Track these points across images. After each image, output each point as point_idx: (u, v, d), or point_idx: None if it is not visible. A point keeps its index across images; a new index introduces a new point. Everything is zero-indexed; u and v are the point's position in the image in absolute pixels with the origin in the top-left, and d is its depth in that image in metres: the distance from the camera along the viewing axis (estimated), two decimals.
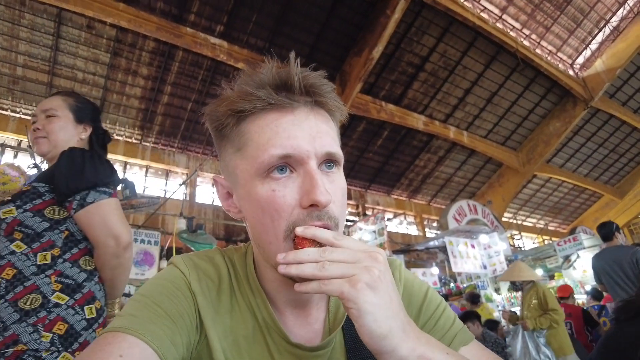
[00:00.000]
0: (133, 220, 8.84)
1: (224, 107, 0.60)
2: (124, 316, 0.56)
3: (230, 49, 9.85)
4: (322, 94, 0.60)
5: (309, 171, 0.56)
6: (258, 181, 0.58)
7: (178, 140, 11.57)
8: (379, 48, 10.19)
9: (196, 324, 0.61)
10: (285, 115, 0.58)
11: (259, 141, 0.58)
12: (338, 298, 0.49)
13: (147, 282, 0.64)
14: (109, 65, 9.48)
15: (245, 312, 0.65)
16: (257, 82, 0.58)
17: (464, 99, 13.30)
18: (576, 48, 14.34)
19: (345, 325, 0.67)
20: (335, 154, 0.59)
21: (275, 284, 0.65)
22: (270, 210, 0.57)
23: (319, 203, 0.54)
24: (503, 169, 16.00)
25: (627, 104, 15.42)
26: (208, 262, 0.68)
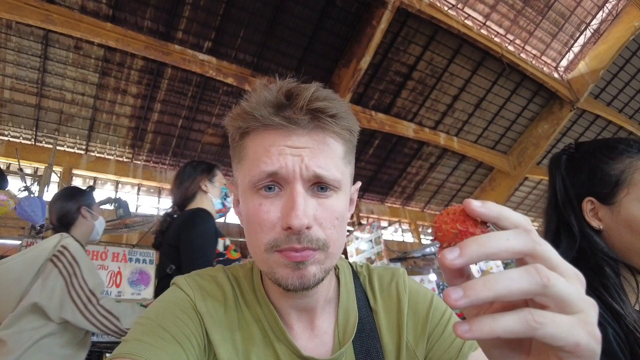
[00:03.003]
0: (127, 239, 8.75)
1: (229, 122, 0.63)
2: (130, 341, 0.55)
3: (219, 64, 9.90)
4: (325, 118, 0.58)
5: (292, 192, 0.56)
6: (249, 194, 0.59)
7: (169, 158, 11.52)
8: (366, 58, 10.30)
9: (204, 346, 0.60)
10: (281, 136, 0.58)
11: (253, 156, 0.59)
12: (566, 351, 0.30)
13: (151, 305, 0.64)
14: (97, 84, 9.47)
15: (253, 328, 0.64)
16: (259, 100, 0.59)
17: (453, 106, 13.44)
18: (559, 51, 14.60)
19: (355, 338, 0.67)
20: (326, 177, 0.57)
21: (279, 296, 0.65)
22: (254, 224, 0.58)
23: (292, 226, 0.54)
24: (494, 172, 16.12)
25: (611, 104, 15.68)
26: (211, 281, 0.68)
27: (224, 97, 10.65)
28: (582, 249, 0.89)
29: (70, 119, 9.90)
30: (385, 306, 0.72)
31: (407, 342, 0.69)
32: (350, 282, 0.73)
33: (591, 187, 0.91)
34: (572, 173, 0.96)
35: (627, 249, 0.86)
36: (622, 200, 0.86)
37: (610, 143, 0.94)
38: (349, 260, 0.81)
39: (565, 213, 0.94)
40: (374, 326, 0.70)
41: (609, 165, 0.90)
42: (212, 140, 11.34)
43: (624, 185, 0.87)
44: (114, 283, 6.00)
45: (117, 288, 5.99)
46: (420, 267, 11.14)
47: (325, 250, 0.58)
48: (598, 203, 0.90)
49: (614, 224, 0.88)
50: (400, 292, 0.73)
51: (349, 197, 0.65)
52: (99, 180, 10.99)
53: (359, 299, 0.72)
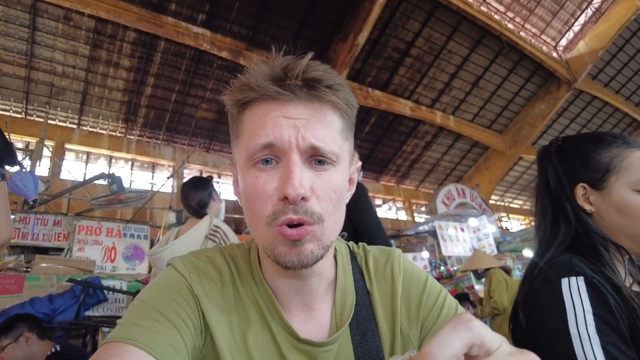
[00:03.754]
0: (121, 215, 8.74)
1: (226, 96, 0.61)
2: (125, 325, 0.54)
3: (213, 37, 9.70)
4: (322, 88, 0.57)
5: (287, 163, 0.56)
6: (247, 168, 0.59)
7: (163, 132, 11.42)
8: (364, 34, 10.12)
9: (200, 328, 0.59)
10: (277, 107, 0.57)
11: (250, 129, 0.58)
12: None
13: (147, 287, 0.63)
14: (89, 57, 9.27)
15: (250, 309, 0.64)
16: (257, 73, 0.58)
17: (450, 84, 13.33)
18: (559, 30, 14.43)
19: (352, 320, 0.66)
20: (323, 149, 0.57)
21: (276, 276, 0.64)
22: (253, 197, 0.57)
23: (288, 196, 0.53)
24: (489, 152, 16.15)
25: (609, 85, 15.62)
26: (208, 262, 0.66)
27: (218, 72, 10.48)
28: (577, 231, 0.97)
29: (61, 92, 9.73)
30: (380, 289, 0.71)
31: (401, 326, 0.68)
32: (348, 264, 0.73)
33: (584, 174, 1.00)
34: (564, 162, 1.05)
35: (615, 230, 0.95)
36: (612, 186, 0.96)
37: (599, 135, 1.03)
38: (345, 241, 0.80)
39: (560, 200, 1.02)
40: (371, 309, 0.69)
41: (599, 154, 0.99)
42: (206, 115, 11.22)
43: (614, 172, 0.96)
44: (108, 258, 6.01)
45: (111, 263, 6.01)
46: (413, 244, 11.26)
47: (321, 224, 0.57)
48: (590, 188, 0.99)
49: (604, 208, 0.96)
50: (395, 274, 0.71)
51: (348, 174, 0.64)
52: (92, 155, 10.89)
53: (356, 280, 0.71)
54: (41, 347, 2.27)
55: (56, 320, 3.00)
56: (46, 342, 2.34)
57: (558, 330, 0.81)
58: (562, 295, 0.84)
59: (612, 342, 0.77)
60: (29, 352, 2.23)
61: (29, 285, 3.24)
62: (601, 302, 0.81)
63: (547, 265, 0.92)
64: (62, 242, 5.87)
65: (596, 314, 0.79)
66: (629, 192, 0.94)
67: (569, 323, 0.80)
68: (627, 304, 0.82)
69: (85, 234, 5.98)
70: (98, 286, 3.31)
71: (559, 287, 0.86)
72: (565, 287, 0.85)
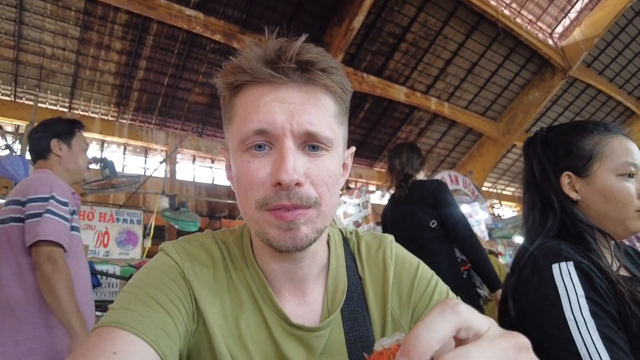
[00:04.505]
0: (114, 199, 8.69)
1: (219, 79, 0.61)
2: (117, 309, 0.54)
3: (206, 20, 9.53)
4: (316, 71, 0.57)
5: (281, 148, 0.55)
6: (239, 154, 0.58)
7: (156, 117, 11.29)
8: (359, 18, 10.00)
9: (192, 313, 0.60)
10: (270, 91, 0.57)
11: (242, 115, 0.58)
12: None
13: (138, 272, 0.62)
14: (79, 39, 9.08)
15: (243, 294, 0.64)
16: (250, 55, 0.57)
17: (445, 70, 13.27)
18: (555, 17, 14.36)
19: (344, 307, 0.67)
20: (318, 134, 0.56)
21: (270, 261, 0.64)
22: (244, 182, 0.57)
23: (281, 182, 0.53)
24: (483, 139, 16.19)
25: (603, 73, 15.63)
26: (199, 247, 0.66)
27: (212, 55, 10.34)
28: (563, 221, 0.99)
29: (51, 75, 9.56)
30: (371, 275, 0.72)
31: (392, 312, 0.69)
32: (341, 249, 0.73)
33: (568, 163, 1.03)
34: (548, 152, 1.07)
35: (601, 216, 0.98)
36: (596, 172, 0.98)
37: (581, 124, 1.06)
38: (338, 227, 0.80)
39: (545, 190, 1.04)
40: (362, 294, 0.70)
41: (582, 142, 1.02)
42: (199, 99, 11.10)
43: (597, 158, 0.98)
44: (101, 243, 6.00)
45: (104, 248, 6.01)
46: None
47: (317, 208, 0.57)
48: (575, 176, 1.01)
49: (589, 194, 0.99)
50: (387, 260, 0.72)
51: (342, 160, 0.64)
52: None
53: (348, 266, 0.72)
54: None
55: None
56: None
57: (553, 315, 0.82)
58: (554, 280, 0.85)
59: (606, 325, 0.78)
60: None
61: None
62: (591, 286, 0.83)
63: (536, 251, 0.94)
64: None
65: (588, 297, 0.81)
66: (612, 177, 0.96)
67: (563, 308, 0.81)
68: (614, 287, 0.84)
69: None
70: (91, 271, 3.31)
71: (550, 272, 0.87)
72: (556, 272, 0.86)
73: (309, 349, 0.63)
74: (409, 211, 2.31)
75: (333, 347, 0.65)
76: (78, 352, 0.48)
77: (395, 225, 2.37)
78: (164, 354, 0.51)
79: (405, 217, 2.33)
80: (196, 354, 0.60)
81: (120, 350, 0.48)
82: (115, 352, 0.48)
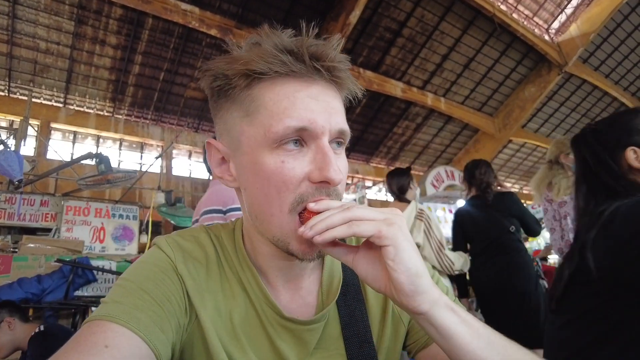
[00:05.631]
0: (109, 195, 8.66)
1: (239, 65, 0.56)
2: (109, 303, 0.54)
3: (202, 15, 9.48)
4: (339, 72, 0.58)
5: (322, 147, 0.55)
6: (267, 151, 0.56)
7: (151, 112, 11.25)
8: (355, 12, 9.98)
9: (185, 307, 0.59)
10: (304, 87, 0.56)
11: (274, 110, 0.55)
12: (373, 238, 0.49)
13: (131, 266, 0.62)
14: (74, 34, 9.01)
15: (236, 288, 0.64)
16: (278, 45, 0.55)
17: (442, 65, 13.26)
18: (552, 12, 14.36)
19: (340, 300, 0.67)
20: (347, 132, 0.59)
21: (268, 257, 0.64)
22: (277, 182, 0.55)
23: (331, 181, 0.54)
24: (479, 134, 16.21)
25: (599, 69, 15.67)
26: (193, 241, 0.66)
27: (207, 50, 10.29)
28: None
29: (45, 70, 9.48)
30: None
31: (393, 308, 0.69)
32: None
33: (629, 140, 1.11)
34: (603, 140, 1.16)
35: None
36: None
37: (629, 109, 1.20)
38: None
39: (602, 176, 1.13)
40: (359, 288, 0.70)
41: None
42: (195, 94, 11.05)
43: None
44: (97, 239, 5.97)
45: (100, 244, 5.98)
46: None
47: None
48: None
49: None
50: None
51: None
52: (79, 135, 10.71)
53: None
54: (25, 329, 2.28)
55: (45, 300, 3.00)
56: (30, 324, 2.35)
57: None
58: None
59: None
60: (13, 336, 2.24)
61: (17, 266, 3.23)
62: None
63: (620, 209, 1.01)
64: (49, 223, 5.80)
65: None
66: None
67: None
68: None
69: (73, 214, 5.91)
70: (87, 266, 3.30)
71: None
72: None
73: (302, 343, 0.63)
74: (493, 216, 2.74)
75: (329, 342, 0.65)
76: (69, 346, 0.48)
77: (478, 226, 2.78)
78: (156, 348, 0.51)
79: (490, 220, 2.75)
80: (189, 348, 0.60)
81: (111, 344, 0.47)
82: (107, 345, 0.47)
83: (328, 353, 0.64)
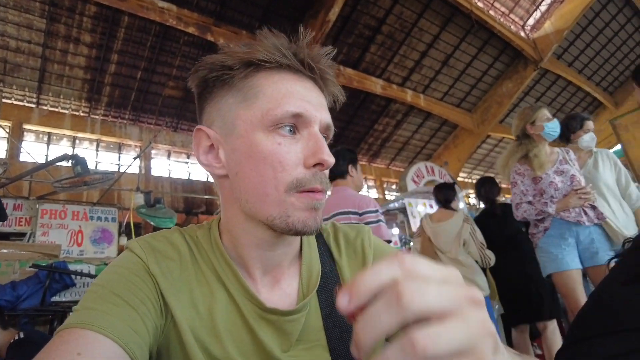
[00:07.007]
0: (87, 197, 8.46)
1: (242, 54, 0.60)
2: (80, 310, 0.53)
3: (179, 12, 9.33)
4: (328, 75, 0.65)
5: (314, 133, 0.60)
6: (262, 133, 0.59)
7: (129, 112, 11.04)
8: (335, 10, 9.98)
9: (160, 308, 0.59)
10: (299, 81, 0.62)
11: (273, 95, 0.59)
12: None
13: (103, 271, 0.61)
14: (46, 32, 8.76)
15: (214, 284, 0.63)
16: (278, 42, 0.61)
17: (421, 62, 13.39)
18: (527, 9, 14.64)
19: (320, 290, 0.67)
20: (332, 128, 0.66)
21: (250, 247, 0.64)
22: (274, 162, 0.58)
23: (325, 162, 0.58)
24: (458, 130, 16.45)
25: (572, 65, 16.07)
26: (165, 242, 0.65)
27: (185, 48, 10.15)
28: None
29: (16, 69, 9.19)
30: (350, 260, 0.73)
31: None
32: (313, 238, 0.74)
33: None
34: None
35: None
36: None
37: None
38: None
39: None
40: (338, 279, 0.71)
41: None
42: (173, 93, 10.90)
43: None
44: (75, 242, 5.83)
45: (78, 247, 5.84)
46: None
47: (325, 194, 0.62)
48: None
49: None
50: (366, 247, 0.74)
51: None
52: (54, 136, 10.42)
53: (322, 253, 0.73)
54: (4, 336, 2.21)
55: (20, 307, 2.91)
56: (10, 330, 2.27)
57: None
58: None
59: None
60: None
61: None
62: None
63: None
64: (24, 227, 5.64)
65: None
66: None
67: None
68: None
69: (49, 218, 5.76)
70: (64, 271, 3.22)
71: None
72: None
73: (285, 334, 0.63)
74: (506, 220, 3.19)
75: (310, 333, 0.65)
76: (39, 357, 0.46)
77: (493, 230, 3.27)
78: (132, 351, 0.50)
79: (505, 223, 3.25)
80: (166, 349, 0.59)
81: (84, 351, 0.46)
82: (80, 352, 0.46)
83: (310, 344, 0.64)
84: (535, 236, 2.50)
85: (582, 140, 2.85)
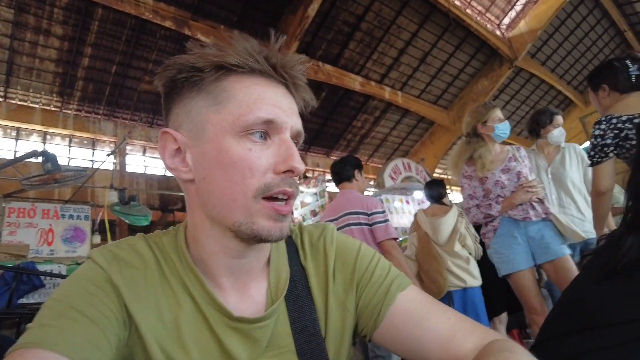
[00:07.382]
0: (59, 195, 8.21)
1: (213, 57, 0.59)
2: (34, 328, 0.50)
3: (155, 6, 9.12)
4: (300, 82, 0.65)
5: (285, 140, 0.60)
6: (232, 138, 0.58)
7: (103, 107, 10.75)
8: (314, 6, 9.94)
9: (124, 320, 0.56)
10: (270, 87, 0.61)
11: (244, 100, 0.58)
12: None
13: (62, 284, 0.58)
14: (13, 22, 8.43)
15: (180, 294, 0.61)
16: (250, 47, 0.60)
17: (399, 59, 13.49)
18: (503, 9, 14.90)
19: (288, 295, 0.66)
20: (303, 134, 0.65)
21: (217, 255, 0.63)
22: (243, 168, 0.57)
23: (295, 170, 0.58)
24: (435, 127, 16.66)
25: (545, 64, 16.46)
26: (130, 250, 0.63)
27: (162, 42, 9.94)
28: None
29: None
30: (314, 262, 0.72)
31: (336, 294, 0.69)
32: (282, 242, 0.73)
33: None
34: None
35: None
36: None
37: None
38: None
39: None
40: (306, 283, 0.70)
41: None
42: (149, 88, 10.66)
43: None
44: (45, 241, 5.65)
45: (48, 246, 5.66)
46: None
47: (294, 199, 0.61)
48: None
49: None
50: (327, 246, 0.73)
51: None
52: (23, 131, 10.06)
53: (291, 257, 0.72)
54: None
55: None
56: None
57: None
58: None
59: None
60: None
61: None
62: None
63: None
64: None
65: None
66: None
67: None
68: None
69: (17, 217, 5.57)
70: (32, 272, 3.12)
71: None
72: None
73: (253, 342, 0.61)
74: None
75: (279, 339, 0.64)
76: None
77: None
78: None
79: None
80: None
81: None
82: None
83: (279, 350, 0.64)
84: (486, 236, 2.48)
85: (551, 135, 2.90)
